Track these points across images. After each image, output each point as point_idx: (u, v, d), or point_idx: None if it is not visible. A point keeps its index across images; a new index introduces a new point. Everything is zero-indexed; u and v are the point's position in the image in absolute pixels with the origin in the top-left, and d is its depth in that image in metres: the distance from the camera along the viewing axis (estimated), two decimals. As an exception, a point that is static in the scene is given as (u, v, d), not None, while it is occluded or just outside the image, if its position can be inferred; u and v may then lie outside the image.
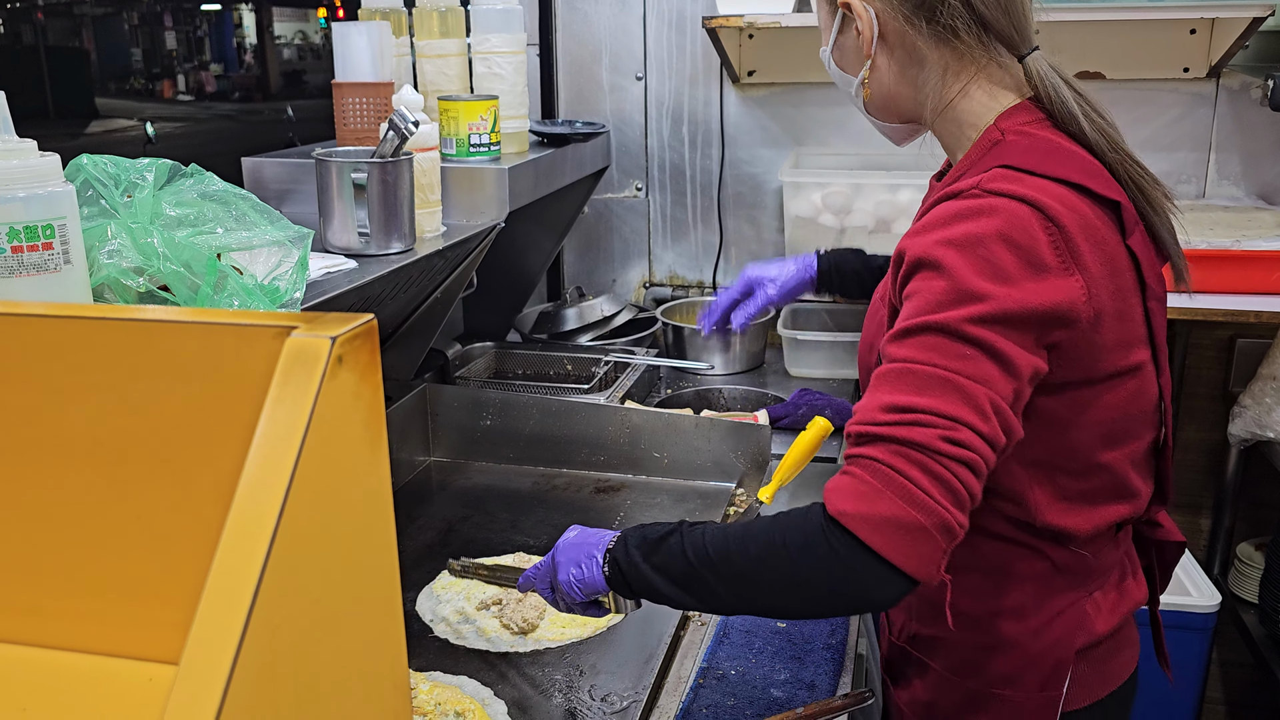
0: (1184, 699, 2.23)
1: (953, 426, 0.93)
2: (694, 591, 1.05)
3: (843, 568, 0.94)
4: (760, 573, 1.00)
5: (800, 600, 1.01)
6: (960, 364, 0.95)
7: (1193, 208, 2.28)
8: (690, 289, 2.69)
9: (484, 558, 1.59)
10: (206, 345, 0.60)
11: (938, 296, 0.98)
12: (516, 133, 2.03)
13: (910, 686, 1.28)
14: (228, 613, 0.49)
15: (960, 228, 1.00)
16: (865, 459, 0.95)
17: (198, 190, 1.29)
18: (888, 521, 0.92)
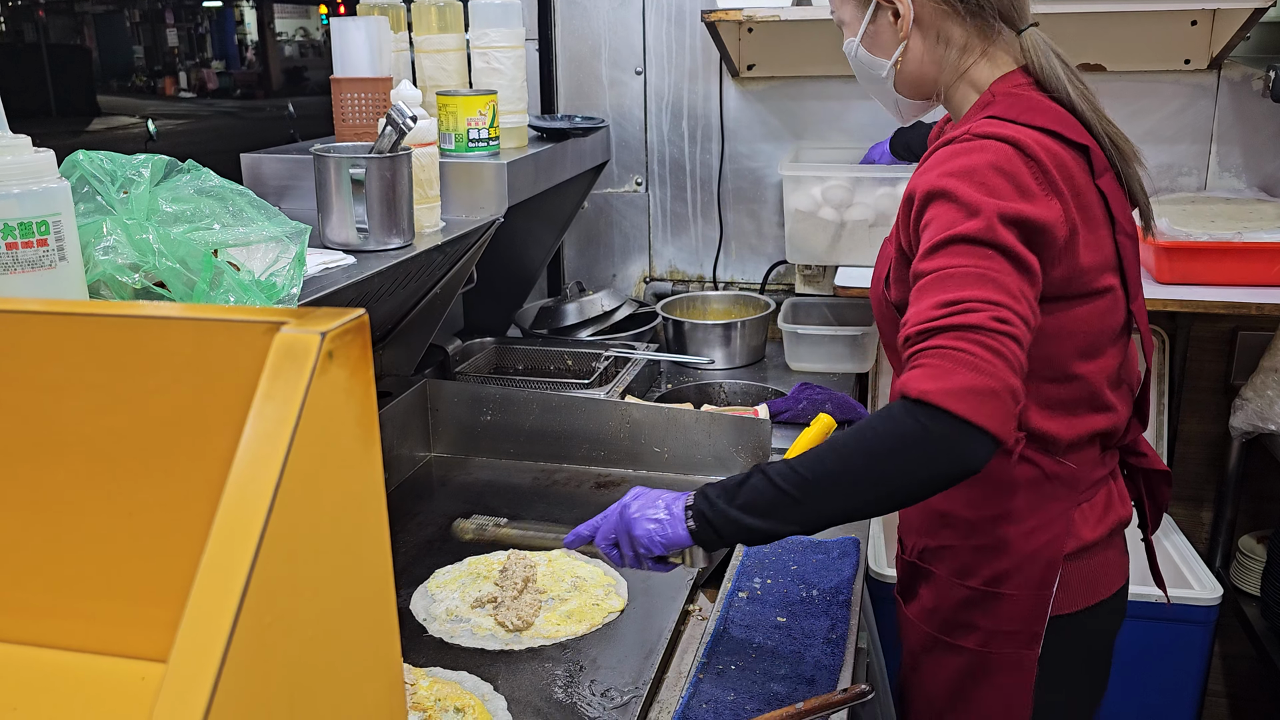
0: (1186, 692, 2.22)
1: (997, 308, 1.10)
2: (788, 516, 1.16)
3: (936, 439, 1.07)
4: (859, 471, 1.12)
5: (901, 485, 1.12)
6: (987, 262, 1.13)
7: (1194, 200, 2.27)
8: (691, 283, 2.69)
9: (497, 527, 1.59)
10: (196, 342, 0.59)
11: (952, 216, 1.16)
12: (515, 128, 2.02)
13: (918, 597, 1.45)
14: (216, 610, 0.49)
15: (957, 162, 1.20)
16: (932, 348, 1.10)
17: (194, 186, 1.28)
18: (966, 390, 1.06)
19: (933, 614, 1.42)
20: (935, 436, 1.07)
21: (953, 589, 1.39)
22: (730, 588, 1.52)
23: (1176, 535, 2.34)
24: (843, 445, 1.14)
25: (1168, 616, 2.12)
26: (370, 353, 0.59)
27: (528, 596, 1.48)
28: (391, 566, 0.63)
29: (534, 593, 1.50)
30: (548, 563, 1.59)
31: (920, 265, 1.18)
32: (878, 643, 2.07)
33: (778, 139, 2.54)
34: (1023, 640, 1.36)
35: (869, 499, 1.15)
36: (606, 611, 1.44)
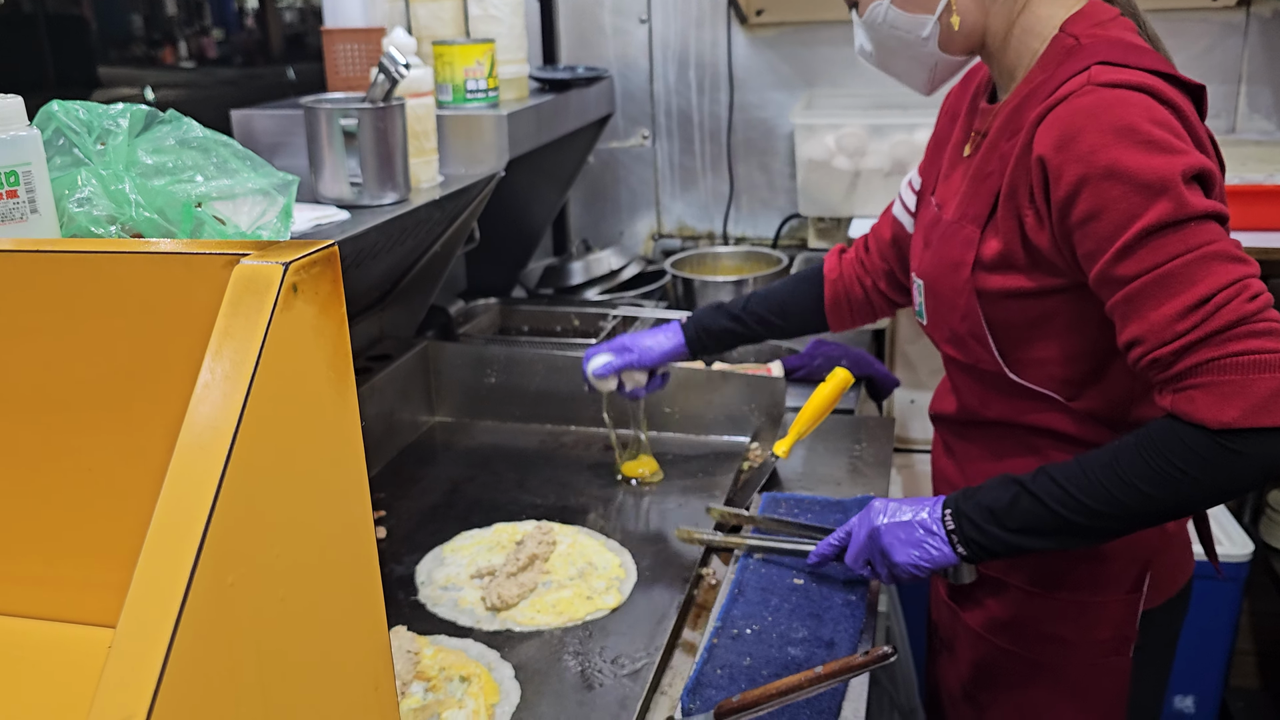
0: (1215, 650, 2.17)
1: (1238, 286, 0.99)
2: (1073, 536, 1.10)
3: (1256, 462, 0.99)
4: (1157, 502, 1.05)
5: (1210, 502, 1.07)
6: (1198, 238, 1.00)
7: (1224, 143, 2.16)
8: (700, 240, 2.62)
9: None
10: (152, 278, 0.53)
11: (1130, 201, 1.01)
12: (515, 78, 1.95)
13: (983, 607, 1.33)
14: (168, 572, 0.43)
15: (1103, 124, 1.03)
16: (1203, 364, 0.99)
17: (176, 137, 1.22)
18: (1272, 396, 0.97)
19: (1006, 627, 1.31)
20: (1256, 462, 0.99)
21: (1033, 600, 1.28)
22: (744, 549, 1.46)
23: (1203, 490, 2.28)
24: (1138, 479, 1.05)
25: (1197, 573, 2.05)
26: (342, 289, 0.53)
27: (525, 576, 1.42)
28: (373, 523, 0.57)
29: (536, 572, 1.44)
30: (570, 543, 1.52)
31: (1117, 269, 1.03)
32: (897, 603, 2.02)
33: (789, 87, 2.45)
34: (1115, 646, 1.27)
35: (1168, 517, 1.10)
36: (595, 608, 1.37)
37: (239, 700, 0.46)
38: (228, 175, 1.23)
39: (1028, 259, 1.14)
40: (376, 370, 1.85)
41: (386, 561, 1.52)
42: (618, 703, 1.19)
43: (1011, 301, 1.17)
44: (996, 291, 1.18)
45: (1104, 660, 1.27)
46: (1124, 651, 1.27)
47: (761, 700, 1.07)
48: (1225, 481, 1.01)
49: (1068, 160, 1.04)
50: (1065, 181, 1.05)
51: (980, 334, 1.21)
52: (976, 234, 1.18)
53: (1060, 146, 1.05)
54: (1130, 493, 1.05)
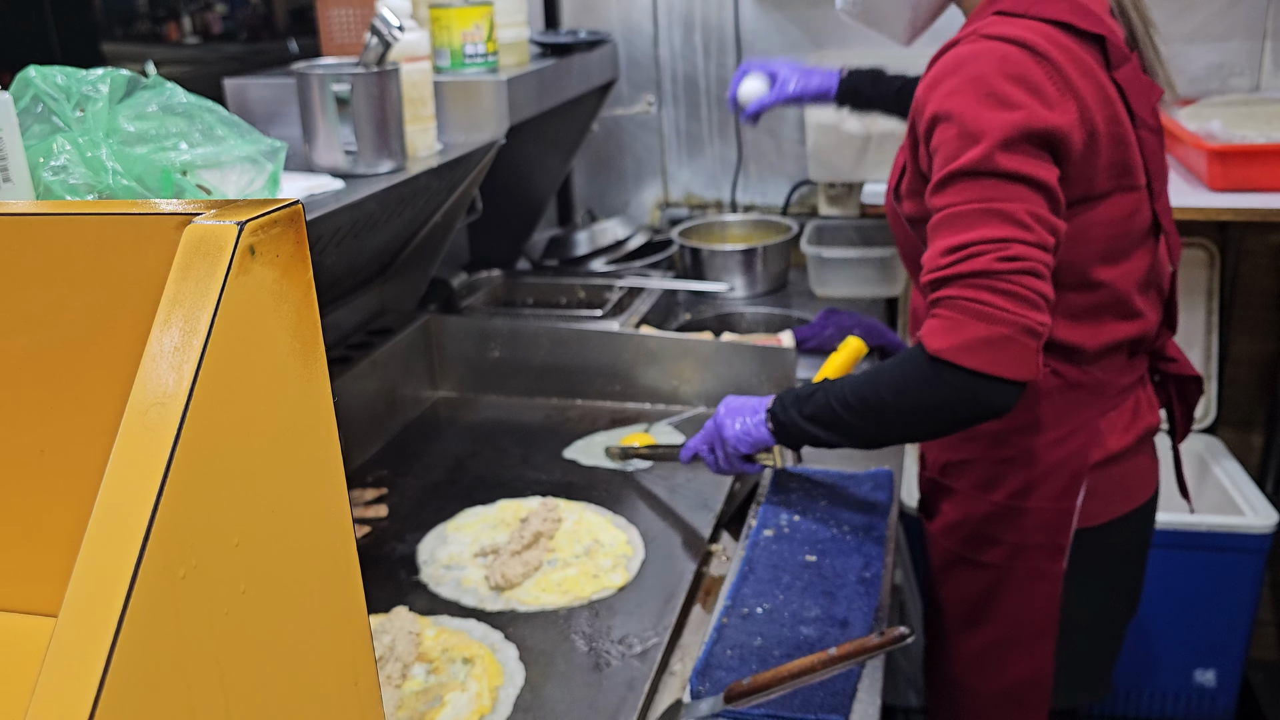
0: (1236, 622, 2.13)
1: (1002, 246, 1.09)
2: (844, 432, 1.24)
3: (959, 392, 1.11)
4: (893, 412, 1.18)
5: (931, 425, 1.21)
6: (991, 192, 1.10)
7: (1247, 101, 2.11)
8: (708, 208, 2.56)
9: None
10: (100, 242, 0.49)
11: (955, 144, 1.12)
12: (515, 42, 1.89)
13: (940, 513, 1.44)
14: (111, 562, 0.39)
15: (964, 73, 1.14)
16: (943, 299, 1.11)
17: (159, 103, 1.18)
18: (978, 342, 1.08)
19: (955, 529, 1.41)
20: (959, 391, 1.11)
21: (975, 503, 1.38)
22: (755, 525, 1.42)
23: (1228, 460, 2.23)
24: (882, 384, 1.18)
25: (1219, 545, 2.02)
26: (307, 251, 0.48)
27: (530, 554, 1.38)
28: (349, 507, 0.53)
29: (541, 550, 1.40)
30: (575, 520, 1.48)
31: (931, 201, 1.16)
32: (913, 580, 1.98)
33: (798, 50, 2.38)
34: (1047, 554, 1.34)
35: (905, 435, 1.26)
36: (601, 586, 1.33)
37: (194, 701, 0.41)
38: (214, 142, 1.18)
39: (920, 186, 1.25)
40: (377, 345, 1.81)
41: (388, 540, 1.48)
42: (625, 684, 1.16)
43: (921, 224, 1.26)
44: (911, 217, 1.30)
45: (1039, 566, 1.35)
46: (1057, 560, 1.34)
47: (773, 683, 1.03)
48: (933, 404, 1.14)
49: (930, 100, 1.17)
50: (925, 116, 1.17)
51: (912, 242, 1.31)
52: (900, 162, 1.31)
53: (930, 86, 1.18)
54: (874, 398, 1.19)
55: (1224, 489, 2.14)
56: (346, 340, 1.84)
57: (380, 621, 1.26)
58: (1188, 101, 2.15)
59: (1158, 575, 1.47)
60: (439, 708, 1.13)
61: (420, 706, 1.13)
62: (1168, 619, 2.13)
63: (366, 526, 1.52)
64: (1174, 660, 2.19)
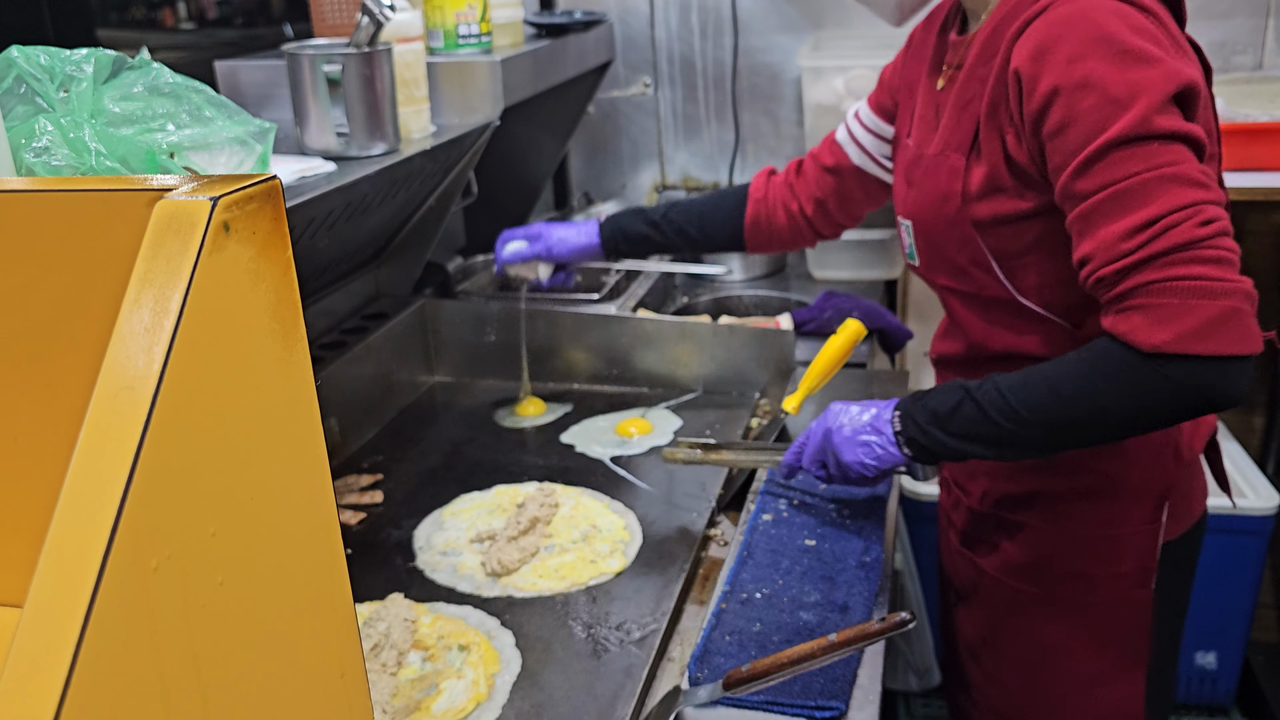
0: (1238, 605, 2.12)
1: (1195, 211, 0.95)
2: (1011, 446, 1.09)
3: (1185, 389, 0.97)
4: (1088, 420, 1.03)
5: (1142, 427, 1.05)
6: (1157, 158, 0.96)
7: (1250, 80, 2.09)
8: (706, 190, 2.54)
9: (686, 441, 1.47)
10: (69, 220, 0.47)
11: (1097, 114, 0.98)
12: (509, 23, 1.87)
13: (999, 551, 1.30)
14: (79, 553, 0.37)
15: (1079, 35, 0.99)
16: (1144, 286, 0.96)
17: (145, 84, 1.15)
18: (1207, 324, 0.94)
19: (1027, 570, 1.27)
20: (1184, 387, 0.96)
21: (1052, 539, 1.25)
22: (754, 510, 1.41)
23: (1229, 442, 2.22)
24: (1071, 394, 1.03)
25: (1220, 528, 2.00)
26: (285, 227, 0.47)
27: (527, 540, 1.36)
28: (332, 492, 0.51)
29: (538, 536, 1.38)
30: (573, 505, 1.46)
31: (1077, 185, 1.00)
32: (911, 562, 1.97)
33: (795, 29, 2.36)
34: (1137, 579, 1.24)
35: (1099, 441, 1.10)
36: (599, 572, 1.31)
37: (169, 697, 0.40)
38: (201, 123, 1.16)
39: (1013, 180, 1.11)
40: (372, 330, 1.79)
41: (384, 526, 1.47)
42: (623, 671, 1.14)
43: (1004, 228, 1.14)
44: (988, 219, 1.15)
45: (1126, 594, 1.24)
46: (1146, 584, 1.24)
47: (772, 670, 1.01)
48: (1150, 405, 1.00)
49: (1043, 70, 1.01)
50: (1039, 92, 1.02)
51: (983, 260, 1.18)
52: (962, 162, 1.15)
53: (1036, 57, 1.02)
54: (1059, 406, 1.04)
55: (1225, 471, 2.12)
56: (341, 325, 1.82)
57: (375, 608, 1.24)
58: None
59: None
60: (435, 695, 1.12)
61: (416, 694, 1.12)
62: (1169, 602, 2.12)
63: (362, 513, 1.50)
64: (1175, 643, 2.18)
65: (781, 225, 1.56)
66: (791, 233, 1.57)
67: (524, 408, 1.80)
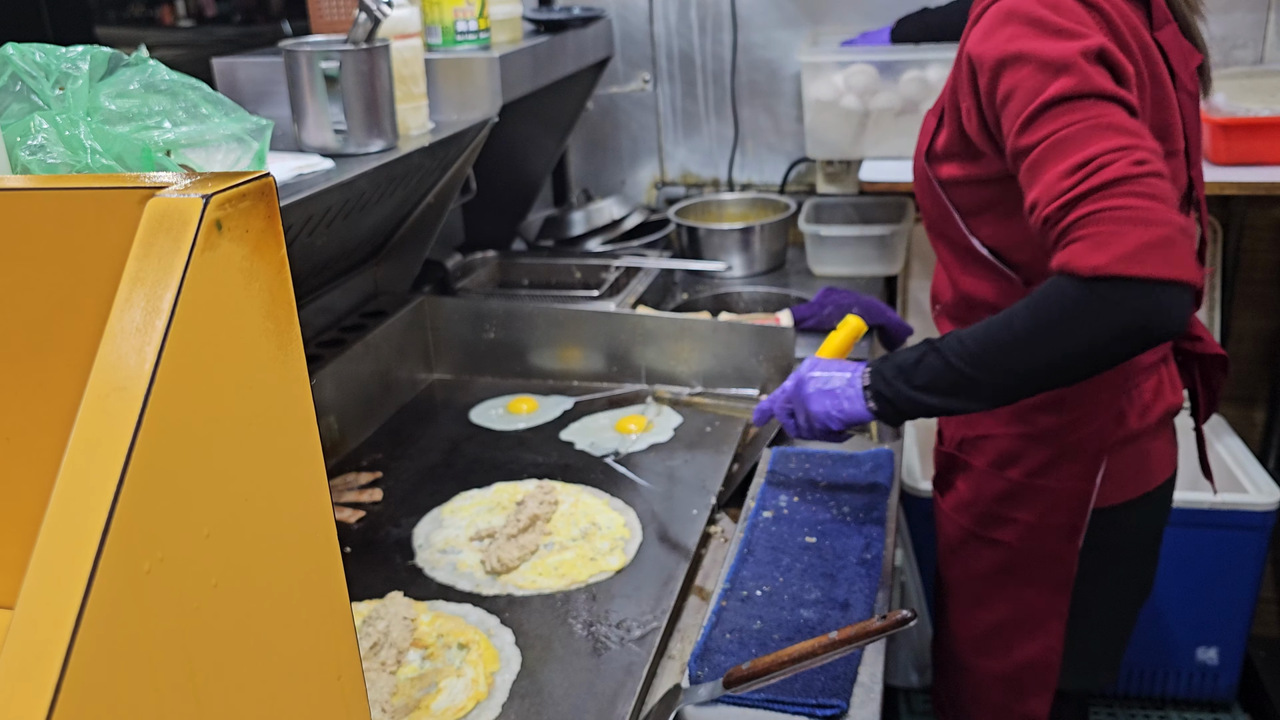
0: (1239, 600, 2.11)
1: (1128, 152, 1.00)
2: (968, 394, 1.12)
3: (1124, 312, 0.99)
4: (1039, 354, 1.06)
5: (1092, 360, 1.06)
6: (1093, 111, 1.03)
7: (1251, 74, 2.08)
8: (705, 187, 2.53)
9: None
10: (61, 218, 0.46)
11: (1037, 79, 1.06)
12: (508, 19, 1.86)
13: (954, 489, 1.40)
14: (70, 556, 0.37)
15: (1018, 18, 1.09)
16: (1081, 218, 1.00)
17: (141, 81, 1.15)
18: (1141, 247, 0.97)
19: (969, 507, 1.37)
20: (1124, 310, 0.99)
21: (991, 481, 1.34)
22: (754, 506, 1.40)
23: (1230, 437, 2.21)
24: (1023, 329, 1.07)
25: (1221, 523, 2.00)
26: (280, 226, 0.46)
27: (526, 537, 1.36)
28: (328, 492, 0.51)
29: (537, 533, 1.38)
30: (572, 502, 1.46)
31: (1021, 141, 1.08)
32: (912, 558, 1.97)
33: (794, 25, 2.35)
34: (1063, 534, 1.31)
35: (1054, 380, 1.11)
36: (599, 569, 1.31)
37: (162, 699, 0.39)
38: (198, 120, 1.16)
39: (964, 149, 1.21)
40: (371, 327, 1.79)
41: (383, 524, 1.46)
42: (623, 669, 1.14)
43: (960, 188, 1.25)
44: (946, 179, 1.26)
45: (1053, 547, 1.31)
46: (1072, 541, 1.30)
47: (773, 668, 1.01)
48: (1091, 332, 1.02)
49: (986, 50, 1.11)
50: (987, 68, 1.11)
51: (948, 212, 1.28)
52: (933, 124, 1.27)
53: (984, 38, 1.12)
54: (1013, 344, 1.07)
55: (1226, 466, 2.12)
56: (340, 323, 1.82)
57: (375, 607, 1.24)
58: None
59: (1160, 553, 1.45)
60: (435, 694, 1.11)
61: (416, 693, 1.12)
62: (1170, 597, 2.12)
63: (361, 511, 1.50)
64: (1176, 638, 2.18)
65: None
66: None
67: (515, 405, 1.79)
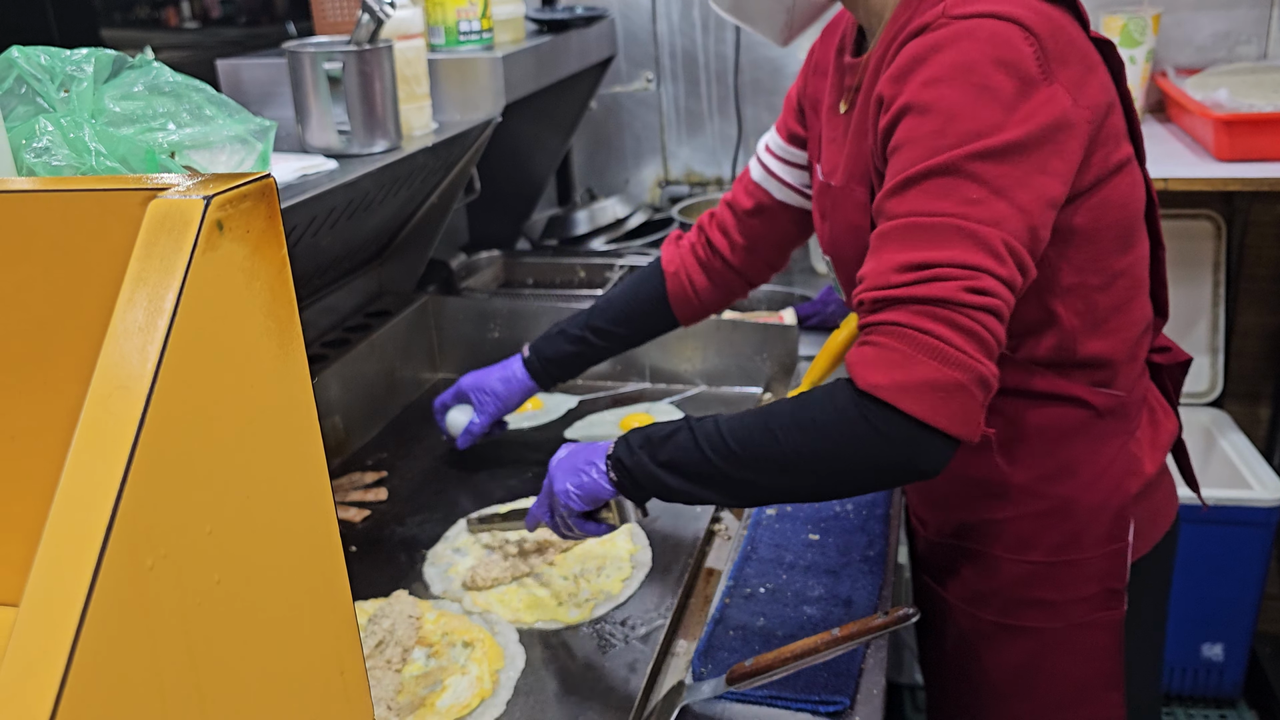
0: (1244, 596, 2.11)
1: (973, 275, 0.89)
2: (713, 485, 1.01)
3: (885, 442, 0.90)
4: (792, 460, 0.96)
5: (837, 482, 0.98)
6: (969, 208, 0.90)
7: (1254, 70, 2.08)
8: (709, 185, 2.53)
9: (498, 506, 1.44)
10: (65, 219, 0.47)
11: (933, 140, 0.92)
12: (511, 19, 1.87)
13: (960, 579, 1.24)
14: (74, 555, 0.37)
15: (943, 59, 0.93)
16: (888, 325, 0.91)
17: (145, 83, 1.16)
18: (925, 385, 0.88)
19: (989, 598, 1.22)
20: (885, 440, 0.90)
21: (1010, 567, 1.19)
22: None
23: (1234, 433, 2.21)
24: (779, 427, 0.97)
25: (1227, 519, 2.00)
26: (280, 225, 0.47)
27: (522, 562, 1.33)
28: (330, 490, 0.51)
29: (540, 559, 1.34)
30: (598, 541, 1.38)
31: (885, 204, 0.95)
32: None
33: (797, 24, 2.35)
34: (1103, 602, 1.18)
35: (803, 490, 1.01)
36: (551, 618, 1.24)
37: (166, 695, 0.40)
38: (202, 122, 1.16)
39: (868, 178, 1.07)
40: (376, 327, 1.80)
41: (388, 523, 1.47)
42: (627, 666, 1.14)
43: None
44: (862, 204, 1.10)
45: (1093, 616, 1.19)
46: (1115, 605, 1.18)
47: (776, 664, 1.01)
48: (847, 448, 0.93)
49: (900, 91, 0.95)
50: (892, 111, 0.96)
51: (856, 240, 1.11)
52: (865, 194, 1.08)
53: (897, 78, 0.96)
54: (767, 444, 0.97)
55: (1231, 463, 2.12)
56: (344, 322, 1.83)
57: (380, 605, 1.25)
58: (1194, 70, 2.12)
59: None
60: (439, 691, 1.12)
61: (420, 690, 1.12)
62: (1175, 594, 2.11)
63: (366, 510, 1.50)
64: (1181, 635, 2.18)
65: (705, 288, 1.44)
66: (722, 291, 1.45)
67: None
